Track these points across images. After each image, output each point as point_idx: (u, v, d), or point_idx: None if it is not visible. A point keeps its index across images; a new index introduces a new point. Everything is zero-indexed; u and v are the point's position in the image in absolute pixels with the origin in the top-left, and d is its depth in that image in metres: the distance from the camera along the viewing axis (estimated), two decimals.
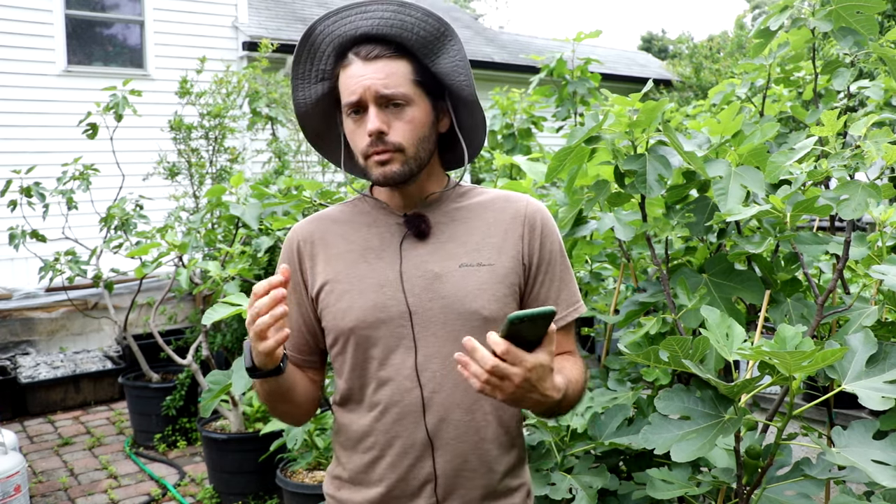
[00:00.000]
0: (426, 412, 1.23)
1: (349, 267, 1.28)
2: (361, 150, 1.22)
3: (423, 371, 1.23)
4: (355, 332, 1.25)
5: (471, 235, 1.28)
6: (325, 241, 1.33)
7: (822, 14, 1.96)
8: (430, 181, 1.31)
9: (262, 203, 2.83)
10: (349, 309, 1.25)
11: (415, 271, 1.25)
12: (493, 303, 1.23)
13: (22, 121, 6.46)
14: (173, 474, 3.99)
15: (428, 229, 1.28)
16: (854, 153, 1.45)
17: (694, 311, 1.64)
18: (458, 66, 1.24)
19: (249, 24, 7.93)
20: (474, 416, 1.24)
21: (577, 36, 4.05)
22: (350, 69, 1.21)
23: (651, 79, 2.28)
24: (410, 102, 1.21)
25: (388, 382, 1.24)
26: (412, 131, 1.21)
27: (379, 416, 1.25)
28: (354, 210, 1.36)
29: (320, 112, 1.33)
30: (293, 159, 5.63)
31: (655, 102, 1.63)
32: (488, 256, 1.26)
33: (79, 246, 4.72)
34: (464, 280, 1.24)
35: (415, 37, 1.22)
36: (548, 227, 1.31)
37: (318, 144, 1.39)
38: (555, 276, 1.30)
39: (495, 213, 1.31)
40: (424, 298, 1.24)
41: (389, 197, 1.32)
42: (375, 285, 1.25)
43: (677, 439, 1.28)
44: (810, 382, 1.77)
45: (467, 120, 1.31)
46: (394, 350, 1.24)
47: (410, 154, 1.22)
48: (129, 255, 3.63)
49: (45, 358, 5.37)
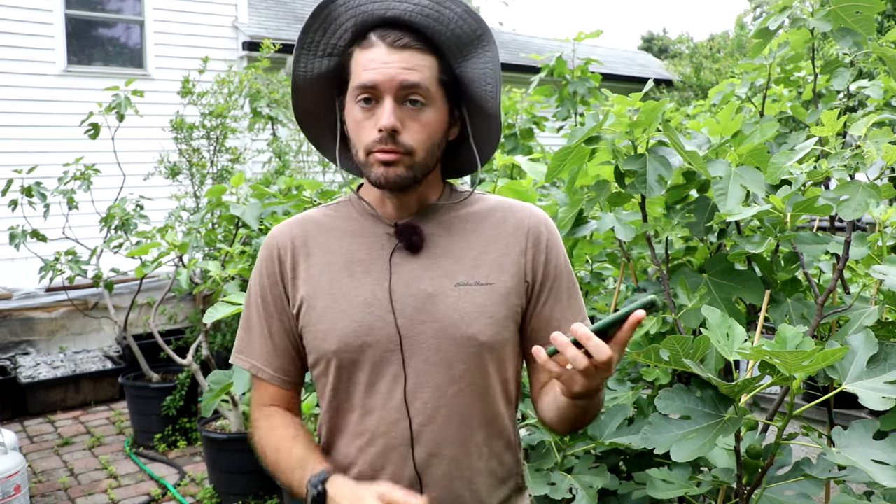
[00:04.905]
0: (415, 446, 1.12)
1: (332, 281, 1.15)
2: (365, 144, 1.10)
3: (413, 401, 1.12)
4: (338, 356, 1.13)
5: (468, 250, 1.17)
6: (307, 248, 1.19)
7: (822, 14, 1.96)
8: (427, 189, 1.19)
9: (263, 203, 2.83)
10: (331, 330, 1.13)
11: (405, 290, 1.13)
12: (492, 327, 1.13)
13: (22, 121, 6.46)
14: (173, 474, 3.99)
15: (421, 242, 1.15)
16: (854, 153, 1.45)
17: (694, 311, 1.64)
18: (487, 74, 1.13)
19: (249, 24, 7.93)
20: (468, 450, 1.14)
21: (578, 36, 4.05)
22: (371, 52, 1.08)
23: (651, 79, 2.28)
24: (431, 103, 1.10)
25: (373, 412, 1.13)
26: (426, 135, 1.10)
27: (363, 447, 1.15)
28: (339, 214, 1.22)
29: (318, 90, 1.18)
30: (294, 159, 5.63)
31: (656, 102, 1.63)
32: (487, 274, 1.15)
33: (79, 246, 4.72)
34: (460, 301, 1.12)
35: (449, 32, 1.10)
36: (553, 241, 1.20)
37: (306, 126, 1.24)
38: (560, 293, 1.19)
39: (495, 225, 1.19)
40: (416, 321, 1.12)
41: (380, 202, 1.19)
42: (362, 304, 1.13)
43: (677, 439, 1.28)
44: (810, 382, 1.78)
45: (481, 131, 1.20)
46: (381, 377, 1.13)
47: (419, 159, 1.10)
48: (129, 255, 3.63)
49: (45, 358, 5.37)
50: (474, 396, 1.14)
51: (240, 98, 5.19)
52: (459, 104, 1.18)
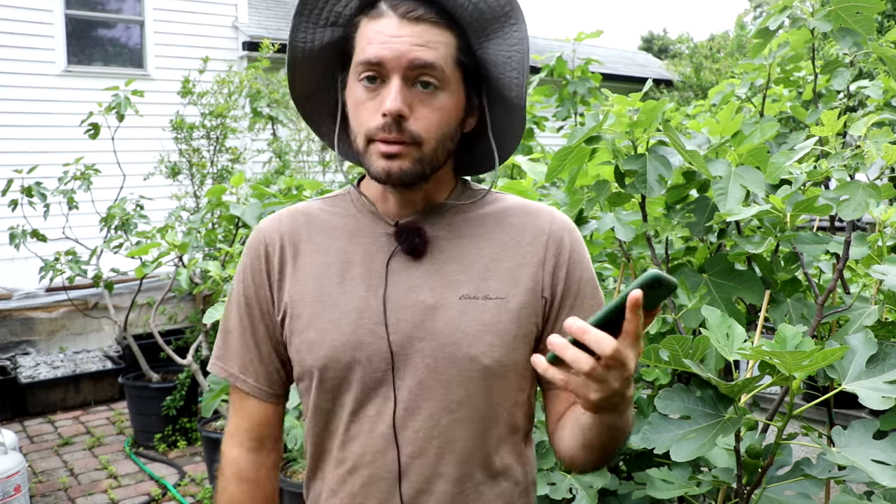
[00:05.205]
0: (402, 480, 0.99)
1: (322, 286, 1.02)
2: (367, 130, 0.94)
3: (403, 429, 0.98)
4: (323, 373, 1.00)
5: (478, 258, 1.02)
6: (296, 246, 1.05)
7: (822, 14, 1.96)
8: (436, 186, 1.04)
9: (263, 203, 2.83)
10: (317, 342, 1.00)
11: (402, 300, 0.99)
12: (499, 348, 0.98)
13: (22, 121, 6.46)
14: (173, 474, 3.99)
15: (423, 245, 1.01)
16: (854, 153, 1.45)
17: (694, 311, 1.64)
18: (513, 58, 0.97)
19: (249, 24, 7.93)
20: (464, 489, 1.00)
21: (578, 36, 4.05)
22: (379, 23, 0.93)
23: (651, 79, 2.28)
24: (445, 86, 0.94)
25: (358, 437, 1.00)
26: (438, 124, 0.95)
27: (345, 477, 1.02)
28: (336, 209, 1.08)
29: (318, 65, 1.03)
30: (294, 159, 5.63)
31: (656, 102, 1.63)
32: (498, 287, 1.00)
33: (79, 246, 4.72)
34: (464, 316, 0.98)
35: (471, 6, 0.94)
36: (577, 251, 1.05)
37: (305, 110, 1.09)
38: (583, 311, 1.03)
39: (512, 230, 1.04)
40: (412, 336, 0.98)
41: (382, 198, 1.05)
42: (352, 314, 0.99)
43: (677, 439, 1.28)
44: (810, 382, 1.78)
45: (502, 123, 1.05)
46: (369, 399, 0.99)
47: (428, 151, 0.95)
48: (129, 255, 3.63)
49: (45, 358, 5.37)
50: (474, 427, 1.00)
51: (240, 98, 5.19)
52: (479, 91, 1.02)
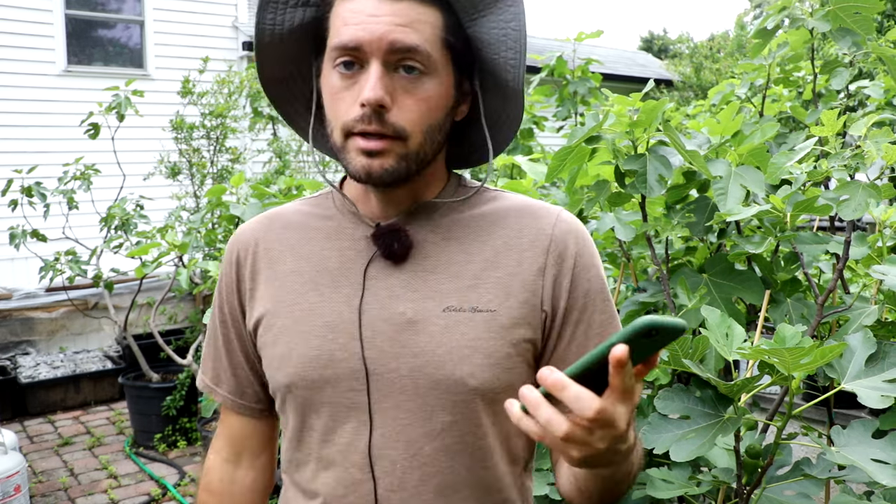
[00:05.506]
0: None
1: (297, 295, 0.91)
2: (344, 123, 0.83)
3: (379, 458, 0.87)
4: (292, 391, 0.90)
5: (467, 264, 0.89)
6: (270, 253, 0.95)
7: (821, 14, 1.96)
8: (424, 183, 0.92)
9: (263, 203, 2.83)
10: (286, 357, 0.90)
11: (379, 311, 0.87)
12: (488, 369, 0.85)
13: (22, 121, 6.46)
14: (173, 474, 3.99)
15: (404, 250, 0.88)
16: (854, 153, 1.45)
17: (694, 311, 1.64)
18: (508, 37, 0.85)
19: (249, 24, 7.93)
20: None
21: (578, 36, 4.05)
22: (355, 2, 0.82)
23: (651, 79, 2.28)
24: (431, 71, 0.83)
25: (330, 467, 0.89)
26: (424, 114, 0.83)
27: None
28: (316, 211, 0.97)
29: (289, 49, 0.91)
30: (294, 159, 5.63)
31: (656, 102, 1.63)
32: (489, 298, 0.87)
33: (79, 246, 4.72)
34: (447, 332, 0.86)
35: None
36: (585, 258, 0.91)
37: (273, 95, 0.96)
38: (591, 327, 0.90)
39: (508, 233, 0.91)
40: (388, 353, 0.86)
41: (363, 197, 0.93)
42: (324, 327, 0.88)
43: (677, 439, 1.28)
44: (810, 382, 1.78)
45: (496, 110, 0.93)
46: (341, 422, 0.88)
47: (413, 146, 0.83)
48: (129, 255, 3.63)
49: (45, 358, 5.37)
50: (461, 457, 0.88)
51: (240, 98, 5.19)
52: (471, 74, 0.91)
